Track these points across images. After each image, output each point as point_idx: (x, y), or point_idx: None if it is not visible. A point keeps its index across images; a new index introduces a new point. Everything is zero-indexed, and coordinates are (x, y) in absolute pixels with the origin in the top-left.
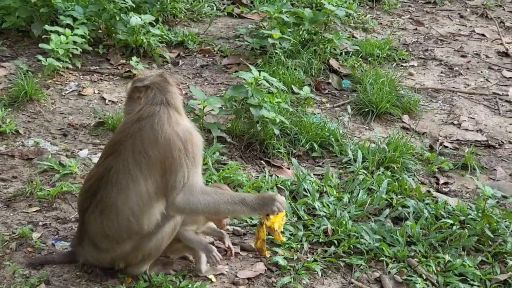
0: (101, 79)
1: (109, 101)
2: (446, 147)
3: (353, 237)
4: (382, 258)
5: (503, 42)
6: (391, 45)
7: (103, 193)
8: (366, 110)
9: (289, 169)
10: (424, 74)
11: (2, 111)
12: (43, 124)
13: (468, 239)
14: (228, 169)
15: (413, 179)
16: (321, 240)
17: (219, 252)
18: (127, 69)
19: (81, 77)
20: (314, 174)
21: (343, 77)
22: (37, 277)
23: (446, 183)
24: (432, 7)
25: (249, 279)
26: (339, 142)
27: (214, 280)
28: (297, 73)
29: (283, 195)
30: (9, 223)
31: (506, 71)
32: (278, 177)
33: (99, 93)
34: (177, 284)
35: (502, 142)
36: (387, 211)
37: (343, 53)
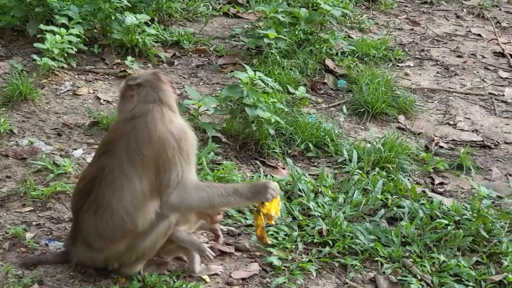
0: (96, 79)
1: (104, 100)
2: (441, 147)
3: (348, 238)
4: (377, 258)
5: (499, 42)
6: (387, 45)
7: (97, 193)
8: (361, 110)
9: (284, 169)
10: (420, 74)
11: None
12: (37, 123)
13: (463, 240)
14: (223, 169)
15: (409, 179)
16: (315, 240)
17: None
18: (122, 69)
19: (76, 76)
20: (309, 174)
21: (338, 77)
22: (30, 277)
23: (441, 183)
24: (428, 7)
25: (243, 279)
26: (335, 142)
27: (208, 280)
28: (293, 73)
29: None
30: (2, 223)
31: (502, 71)
32: (273, 177)
33: (94, 93)
34: (171, 284)
35: (497, 142)
36: (382, 211)
37: (339, 53)
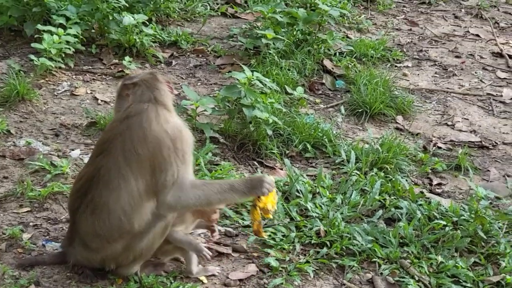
0: (93, 79)
1: (102, 101)
2: (439, 148)
3: (346, 238)
4: (374, 259)
5: (497, 42)
6: (386, 46)
7: (94, 193)
8: (359, 110)
9: (282, 169)
10: (418, 74)
11: None
12: (35, 124)
13: (461, 240)
14: (220, 169)
15: (407, 180)
16: (313, 241)
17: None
18: (120, 69)
19: (74, 77)
20: (307, 175)
21: (336, 78)
22: (27, 278)
23: (439, 184)
24: (426, 7)
25: (240, 280)
26: (333, 142)
27: (205, 281)
28: (291, 73)
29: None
30: None
31: (500, 71)
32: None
33: (91, 93)
34: (168, 285)
35: (495, 143)
36: (380, 212)
37: (337, 54)
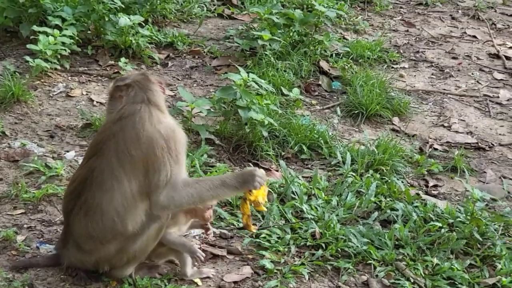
0: (89, 80)
1: (97, 102)
2: (436, 149)
3: (341, 240)
4: (370, 261)
5: (494, 44)
6: (382, 47)
7: (88, 195)
8: (356, 112)
9: (277, 171)
10: (415, 76)
11: None
12: (30, 125)
13: (456, 242)
14: (216, 171)
15: (402, 182)
16: (308, 243)
17: (206, 256)
18: (116, 70)
19: (70, 78)
20: (302, 176)
21: (333, 79)
22: (21, 281)
23: (435, 186)
24: (423, 8)
25: (235, 282)
26: (328, 144)
27: (200, 283)
28: (287, 74)
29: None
30: None
31: (497, 73)
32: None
33: (87, 94)
34: (162, 287)
35: (492, 144)
36: (376, 214)
37: (334, 55)
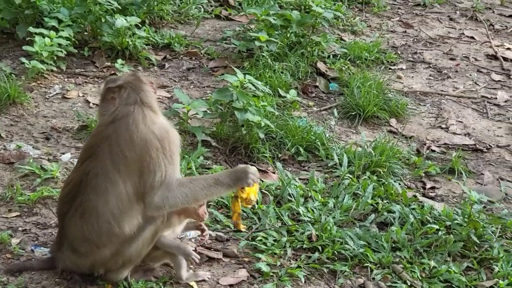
0: (86, 82)
1: (93, 104)
2: (433, 151)
3: (338, 243)
4: (366, 264)
5: (492, 45)
6: (380, 48)
7: (83, 197)
8: (353, 113)
9: (274, 173)
10: (412, 77)
11: None
12: (25, 127)
13: (453, 245)
14: (212, 173)
15: (399, 184)
16: (305, 246)
17: (202, 259)
18: (112, 72)
19: (66, 79)
20: (299, 178)
21: (330, 80)
22: (15, 284)
23: (432, 188)
24: (421, 9)
25: (231, 285)
26: (325, 146)
27: (195, 287)
28: (284, 76)
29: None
30: None
31: (495, 74)
32: (263, 181)
33: (83, 96)
34: None
35: (490, 146)
36: (373, 216)
37: (331, 56)
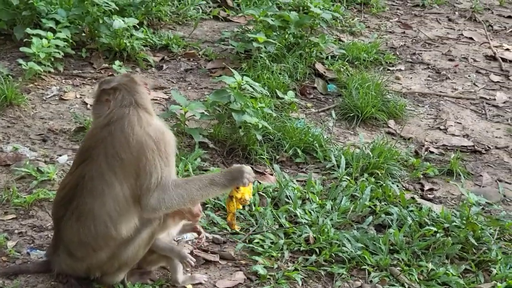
0: (83, 83)
1: (91, 105)
2: (432, 152)
3: (335, 245)
4: (364, 266)
5: (491, 45)
6: (378, 49)
7: (79, 200)
8: (351, 115)
9: (272, 175)
10: (411, 78)
11: None
12: (22, 129)
13: (452, 247)
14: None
15: (397, 186)
16: (302, 248)
17: (198, 261)
18: (110, 73)
19: (63, 81)
20: (297, 180)
21: (328, 82)
22: (11, 287)
23: (431, 190)
24: (420, 10)
25: None
26: (323, 147)
27: None
28: (282, 77)
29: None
30: None
31: (493, 75)
32: (260, 183)
33: (80, 98)
34: None
35: (488, 147)
36: (370, 218)
37: (329, 57)
